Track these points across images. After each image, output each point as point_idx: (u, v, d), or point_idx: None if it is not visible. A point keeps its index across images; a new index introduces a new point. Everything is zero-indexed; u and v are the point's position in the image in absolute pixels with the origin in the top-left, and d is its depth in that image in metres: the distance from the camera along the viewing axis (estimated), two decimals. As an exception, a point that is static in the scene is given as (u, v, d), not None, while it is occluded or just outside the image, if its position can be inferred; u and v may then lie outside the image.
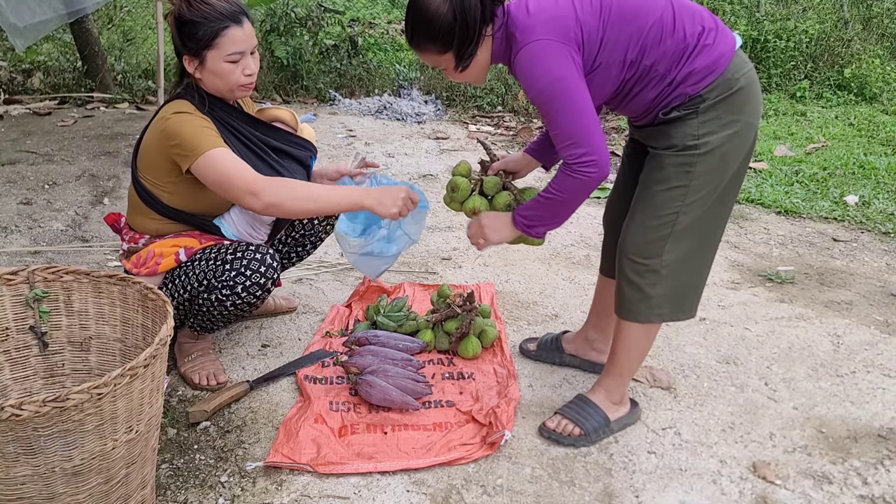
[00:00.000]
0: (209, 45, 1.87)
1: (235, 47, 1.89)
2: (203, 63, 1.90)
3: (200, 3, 1.86)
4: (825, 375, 2.27)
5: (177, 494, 1.68)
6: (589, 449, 1.88)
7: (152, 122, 1.96)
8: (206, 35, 1.86)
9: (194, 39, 1.87)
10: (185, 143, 1.84)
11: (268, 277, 1.93)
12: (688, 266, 1.81)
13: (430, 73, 6.10)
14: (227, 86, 1.93)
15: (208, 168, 1.83)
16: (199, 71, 1.92)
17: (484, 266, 2.97)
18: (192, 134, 1.85)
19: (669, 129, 1.71)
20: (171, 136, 1.86)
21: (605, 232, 2.14)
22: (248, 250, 1.93)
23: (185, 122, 1.86)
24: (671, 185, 1.72)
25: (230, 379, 2.12)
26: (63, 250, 2.94)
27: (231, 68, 1.90)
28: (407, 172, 4.21)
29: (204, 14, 1.86)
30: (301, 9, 6.19)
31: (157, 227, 2.02)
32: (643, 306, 1.82)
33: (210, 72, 1.91)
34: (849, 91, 6.44)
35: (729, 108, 1.68)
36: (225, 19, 1.86)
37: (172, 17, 1.90)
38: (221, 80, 1.92)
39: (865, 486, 1.79)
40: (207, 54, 1.88)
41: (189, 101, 1.93)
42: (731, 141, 1.70)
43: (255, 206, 1.82)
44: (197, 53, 1.89)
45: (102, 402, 1.28)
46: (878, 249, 3.33)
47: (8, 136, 4.45)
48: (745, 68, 1.69)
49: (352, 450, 1.81)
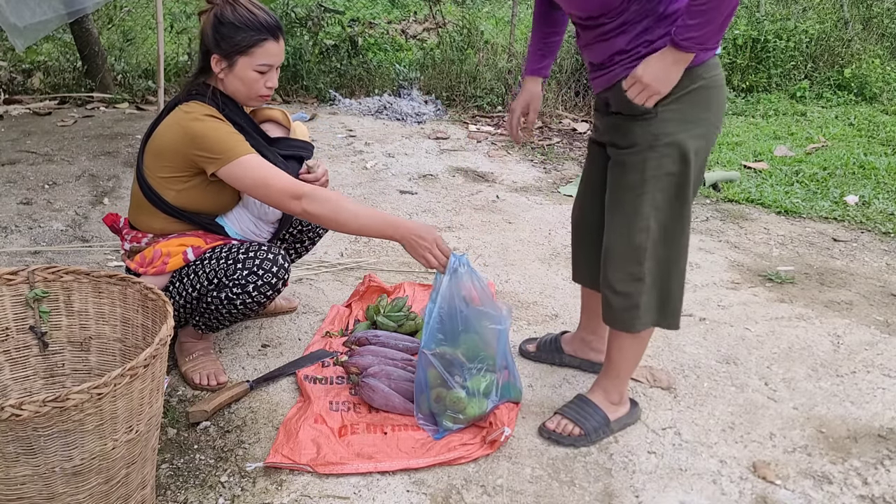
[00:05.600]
0: (244, 51, 1.91)
1: (268, 59, 1.93)
2: (232, 67, 1.93)
3: (245, 9, 1.91)
4: (825, 375, 2.27)
5: (177, 494, 1.68)
6: (589, 449, 1.88)
7: (168, 121, 1.96)
8: (244, 42, 1.90)
9: (231, 43, 1.90)
10: (214, 148, 1.87)
11: (279, 278, 1.95)
12: (666, 270, 1.80)
13: (430, 73, 6.10)
14: (248, 93, 1.97)
15: (245, 172, 1.86)
16: (224, 72, 1.95)
17: (484, 266, 2.98)
18: (221, 139, 1.88)
19: (633, 126, 1.70)
20: (197, 139, 1.88)
21: (572, 235, 2.11)
22: (261, 250, 1.94)
23: (215, 128, 1.89)
24: (639, 187, 1.71)
25: (230, 379, 2.12)
26: (63, 250, 2.94)
27: (257, 77, 1.95)
28: (407, 172, 4.22)
29: (247, 21, 1.90)
30: (301, 9, 6.19)
31: (161, 225, 2.03)
32: (631, 315, 1.81)
33: (236, 76, 1.94)
34: (849, 91, 6.45)
35: (694, 105, 1.67)
36: (265, 31, 1.91)
37: (212, 16, 1.92)
38: (245, 86, 1.96)
39: (865, 486, 1.79)
40: (239, 59, 1.92)
41: (209, 104, 1.94)
42: (696, 140, 1.69)
43: (295, 209, 1.85)
44: (229, 56, 1.92)
45: (102, 402, 1.28)
46: (878, 249, 3.33)
47: (8, 136, 4.46)
48: (717, 70, 1.69)
49: (352, 450, 1.81)
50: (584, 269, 2.08)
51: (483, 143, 4.94)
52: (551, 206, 3.74)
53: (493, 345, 1.91)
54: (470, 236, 3.30)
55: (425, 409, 1.91)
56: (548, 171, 4.39)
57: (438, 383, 1.87)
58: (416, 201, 3.74)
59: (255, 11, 1.91)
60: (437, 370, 1.86)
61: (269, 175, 1.86)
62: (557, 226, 3.45)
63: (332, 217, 1.84)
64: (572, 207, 2.08)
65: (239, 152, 1.87)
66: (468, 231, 3.37)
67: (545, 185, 4.11)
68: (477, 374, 1.89)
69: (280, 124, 2.18)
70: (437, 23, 7.91)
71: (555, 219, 3.55)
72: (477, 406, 1.88)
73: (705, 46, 1.57)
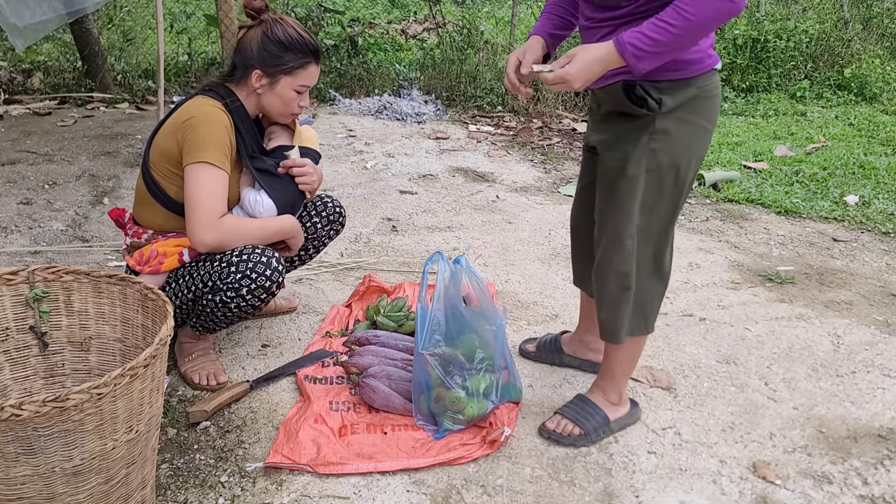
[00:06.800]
0: (290, 71, 1.98)
1: (308, 81, 2.01)
2: (274, 84, 1.99)
3: (294, 30, 1.97)
4: (825, 375, 2.27)
5: (177, 494, 1.68)
6: (589, 449, 1.88)
7: (178, 109, 1.98)
8: (291, 62, 1.97)
9: (278, 61, 1.96)
10: (197, 140, 1.88)
11: (273, 281, 1.95)
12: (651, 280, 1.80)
13: (430, 73, 6.10)
14: (284, 110, 2.04)
15: (194, 178, 1.88)
16: (264, 88, 1.99)
17: (484, 266, 2.97)
18: (208, 138, 1.89)
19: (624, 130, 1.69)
20: (189, 125, 1.90)
21: (571, 241, 2.10)
22: (254, 253, 1.94)
23: (209, 123, 1.90)
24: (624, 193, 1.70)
25: (230, 379, 2.12)
26: (63, 250, 2.94)
27: (295, 97, 2.02)
28: (407, 172, 4.22)
29: (295, 42, 1.97)
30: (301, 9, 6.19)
31: (162, 221, 2.03)
32: (616, 327, 1.81)
33: (276, 94, 2.00)
34: (849, 91, 6.44)
35: (692, 111, 1.66)
36: (310, 54, 2.00)
37: (260, 33, 1.96)
38: (282, 104, 2.02)
39: (865, 486, 1.79)
40: (283, 78, 1.98)
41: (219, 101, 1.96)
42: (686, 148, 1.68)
43: (208, 237, 1.89)
44: (273, 74, 1.97)
45: (102, 402, 1.28)
46: (878, 249, 3.33)
47: (8, 136, 4.45)
48: (715, 81, 1.68)
49: (352, 450, 1.81)
50: (581, 273, 2.08)
51: (483, 143, 4.94)
52: (551, 206, 3.74)
53: (493, 345, 1.91)
54: (470, 236, 3.30)
55: (425, 410, 1.91)
56: (548, 171, 4.39)
57: (439, 383, 1.87)
58: (416, 201, 3.74)
59: (303, 34, 1.98)
60: (436, 371, 1.86)
61: (208, 195, 1.87)
62: (557, 226, 3.45)
63: (240, 239, 1.94)
64: (570, 210, 2.08)
65: (211, 160, 1.88)
66: (468, 231, 3.37)
67: (545, 185, 4.11)
68: (476, 374, 1.89)
69: (286, 127, 2.19)
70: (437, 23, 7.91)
71: (555, 219, 3.55)
72: (477, 406, 1.88)
73: (638, 64, 1.52)
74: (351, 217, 3.39)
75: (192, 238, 1.90)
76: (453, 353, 1.89)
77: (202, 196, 1.88)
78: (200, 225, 1.88)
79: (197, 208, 1.88)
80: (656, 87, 1.63)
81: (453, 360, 1.88)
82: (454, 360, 1.88)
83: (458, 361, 1.88)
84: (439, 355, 1.87)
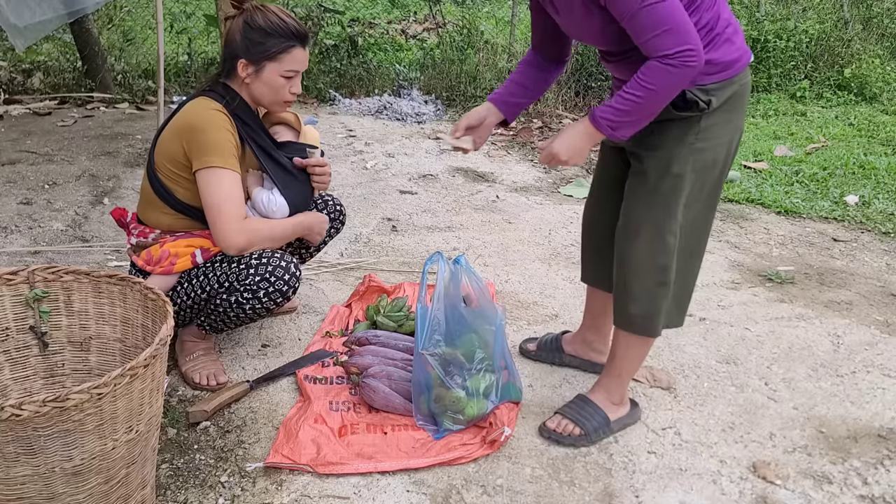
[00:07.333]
0: (273, 57, 1.94)
1: (295, 66, 1.96)
2: (259, 72, 1.95)
3: (275, 16, 1.94)
4: (825, 375, 2.27)
5: (177, 494, 1.68)
6: (589, 449, 1.88)
7: (179, 112, 1.98)
8: (273, 48, 1.93)
9: (261, 48, 1.93)
10: (205, 145, 1.88)
11: (290, 286, 1.96)
12: (688, 273, 1.83)
13: (430, 74, 6.10)
14: (274, 98, 2.00)
15: (210, 186, 1.88)
16: (251, 77, 1.97)
17: (484, 266, 2.97)
18: (216, 142, 1.89)
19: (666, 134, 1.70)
20: (195, 129, 1.89)
21: (583, 236, 2.10)
22: (274, 257, 1.95)
23: (216, 127, 1.90)
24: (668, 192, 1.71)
25: (230, 379, 2.12)
26: (63, 250, 2.94)
27: (283, 83, 1.97)
28: (407, 172, 4.22)
29: (277, 27, 1.92)
30: (301, 9, 6.19)
31: (170, 222, 2.03)
32: (654, 322, 1.83)
33: (263, 82, 1.96)
34: (849, 91, 6.44)
35: (732, 107, 1.69)
36: (294, 38, 1.94)
37: (241, 21, 1.94)
38: (271, 91, 1.98)
39: (865, 486, 1.79)
40: (267, 65, 1.95)
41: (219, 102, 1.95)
42: (727, 144, 1.72)
43: (239, 241, 1.91)
44: (257, 62, 1.94)
45: (102, 402, 1.28)
46: (878, 249, 3.33)
47: (8, 136, 4.45)
48: (749, 74, 1.72)
49: (352, 450, 1.81)
50: (593, 270, 2.09)
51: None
52: (551, 206, 3.74)
53: (492, 345, 1.91)
54: (470, 236, 3.30)
55: (425, 410, 1.91)
56: (548, 171, 4.39)
57: (439, 384, 1.87)
58: (416, 201, 3.74)
59: (285, 18, 1.94)
60: (436, 371, 1.86)
61: (229, 198, 1.89)
62: (557, 226, 3.45)
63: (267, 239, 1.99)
64: (584, 207, 2.08)
65: (222, 163, 1.88)
66: (468, 231, 3.37)
67: (545, 185, 4.11)
68: (476, 374, 1.89)
69: (291, 127, 2.19)
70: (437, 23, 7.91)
71: (555, 219, 3.55)
72: (477, 406, 1.88)
73: (616, 133, 1.62)
74: (351, 217, 3.39)
75: (222, 243, 1.91)
76: (453, 353, 1.89)
77: (223, 200, 1.88)
78: (229, 230, 1.89)
79: (221, 213, 1.88)
80: (704, 90, 1.65)
81: (453, 360, 1.88)
82: (454, 360, 1.88)
83: (458, 361, 1.88)
84: (439, 355, 1.87)
